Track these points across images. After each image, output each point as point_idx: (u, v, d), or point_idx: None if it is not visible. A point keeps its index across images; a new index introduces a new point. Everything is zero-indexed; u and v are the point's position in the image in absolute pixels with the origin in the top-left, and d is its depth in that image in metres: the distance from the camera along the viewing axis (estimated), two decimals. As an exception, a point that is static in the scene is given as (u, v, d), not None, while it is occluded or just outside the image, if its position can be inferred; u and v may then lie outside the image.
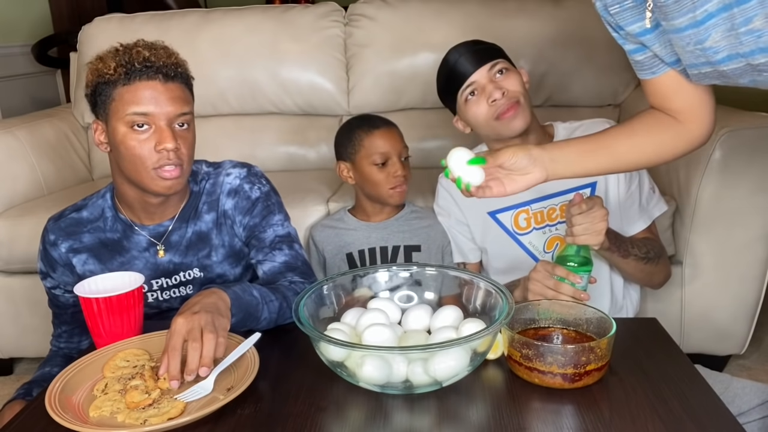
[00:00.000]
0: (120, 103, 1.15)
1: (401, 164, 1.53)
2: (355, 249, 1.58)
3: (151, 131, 1.15)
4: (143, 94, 1.14)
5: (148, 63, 1.15)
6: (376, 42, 2.29)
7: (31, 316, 1.99)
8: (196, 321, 0.96)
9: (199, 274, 1.30)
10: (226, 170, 1.32)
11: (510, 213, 1.50)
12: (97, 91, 1.17)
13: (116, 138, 1.17)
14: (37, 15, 3.40)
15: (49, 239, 1.28)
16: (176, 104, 1.16)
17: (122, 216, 1.28)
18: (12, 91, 3.15)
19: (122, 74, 1.14)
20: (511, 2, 2.25)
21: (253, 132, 2.37)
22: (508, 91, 1.37)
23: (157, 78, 1.15)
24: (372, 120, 1.58)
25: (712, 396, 0.92)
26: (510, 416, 0.88)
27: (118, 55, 1.16)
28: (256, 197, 1.30)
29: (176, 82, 1.18)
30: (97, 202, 1.31)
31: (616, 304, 1.49)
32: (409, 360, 0.92)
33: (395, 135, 1.55)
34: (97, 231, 1.28)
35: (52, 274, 1.31)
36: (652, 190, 1.48)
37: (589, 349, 0.93)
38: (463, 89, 1.40)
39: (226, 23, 2.33)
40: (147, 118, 1.15)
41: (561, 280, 1.18)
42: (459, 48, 1.42)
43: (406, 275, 1.14)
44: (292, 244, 1.30)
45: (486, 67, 1.38)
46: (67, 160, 2.31)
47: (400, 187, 1.53)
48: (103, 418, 0.90)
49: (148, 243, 1.28)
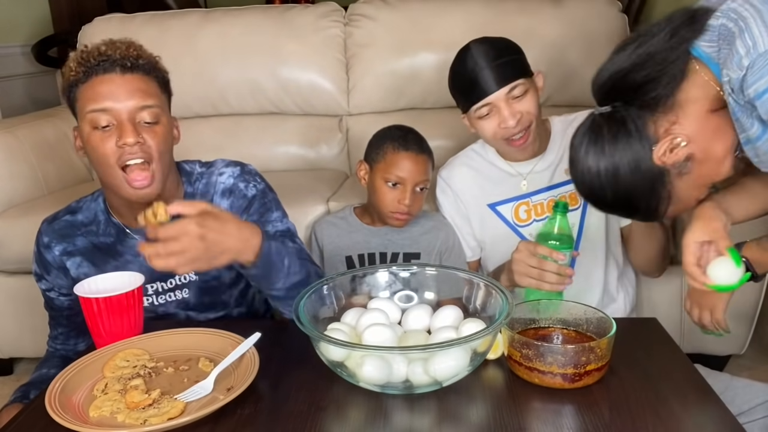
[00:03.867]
0: (82, 102, 1.12)
1: (412, 194, 1.48)
2: (354, 253, 1.58)
3: (113, 128, 1.11)
4: (100, 89, 1.10)
5: (104, 57, 1.11)
6: (376, 42, 2.29)
7: (31, 316, 1.99)
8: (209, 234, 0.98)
9: (195, 277, 1.28)
10: (219, 169, 1.28)
11: (511, 205, 1.50)
12: (68, 96, 1.15)
13: (84, 140, 1.13)
14: (37, 15, 3.40)
15: (43, 241, 1.27)
16: (136, 97, 1.11)
17: (115, 220, 1.26)
18: (12, 91, 3.15)
19: (81, 72, 1.11)
20: (511, 2, 2.25)
21: (253, 132, 2.36)
22: (523, 115, 1.36)
23: (114, 71, 1.11)
24: (408, 138, 1.51)
25: (712, 396, 0.92)
26: (510, 416, 0.88)
27: (79, 55, 1.13)
28: (252, 195, 1.27)
29: (136, 74, 1.13)
30: (90, 205, 1.28)
31: (609, 296, 1.49)
32: (409, 360, 0.92)
33: (421, 164, 1.49)
34: (90, 235, 1.26)
35: (46, 277, 1.29)
36: None
37: (589, 349, 0.93)
38: (478, 107, 1.38)
39: (226, 23, 2.33)
40: (107, 115, 1.10)
41: (544, 258, 1.18)
42: (479, 57, 1.36)
43: (406, 275, 1.14)
44: (294, 238, 1.28)
45: (505, 89, 1.35)
46: (67, 160, 2.31)
47: (401, 215, 1.50)
48: (103, 418, 0.90)
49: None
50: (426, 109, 2.30)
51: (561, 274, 1.16)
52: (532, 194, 1.48)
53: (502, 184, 1.50)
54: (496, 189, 1.51)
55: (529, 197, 1.48)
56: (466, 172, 1.56)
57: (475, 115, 1.39)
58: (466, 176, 1.55)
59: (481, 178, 1.53)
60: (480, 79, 1.35)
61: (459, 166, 1.57)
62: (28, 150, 2.14)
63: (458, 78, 1.41)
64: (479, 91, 1.36)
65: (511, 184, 1.49)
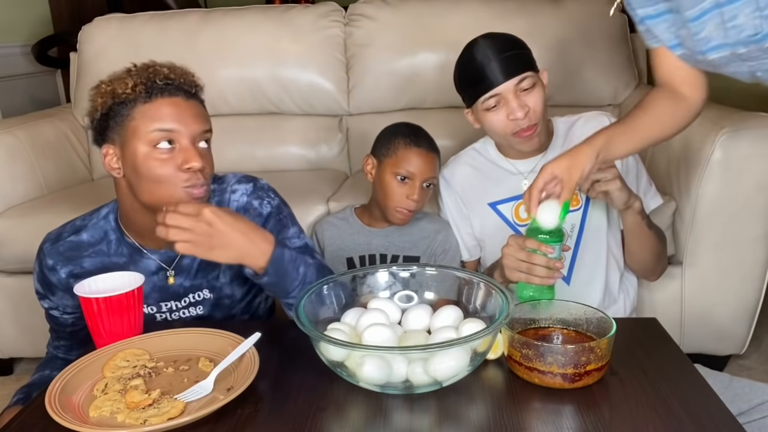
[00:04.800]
0: (141, 121, 1.10)
1: (420, 190, 1.50)
2: (355, 254, 1.58)
3: (174, 150, 1.11)
4: (166, 110, 1.10)
5: (169, 80, 1.12)
6: (376, 42, 2.29)
7: (31, 316, 1.98)
8: (219, 223, 1.02)
9: (209, 295, 1.27)
10: (231, 186, 1.26)
11: (511, 204, 1.50)
12: (111, 113, 1.12)
13: (136, 159, 1.10)
14: (37, 15, 3.40)
15: (47, 264, 1.23)
16: (199, 122, 1.13)
17: (129, 240, 1.22)
18: (12, 91, 3.15)
19: (142, 92, 1.10)
20: (512, 2, 2.26)
21: (253, 132, 2.37)
22: (531, 109, 1.37)
23: (179, 95, 1.13)
24: (419, 136, 1.54)
25: (712, 396, 0.92)
26: (510, 416, 0.88)
27: (134, 74, 1.12)
28: (267, 213, 1.25)
29: (196, 101, 1.16)
30: (98, 223, 1.24)
31: (611, 297, 1.49)
32: (409, 360, 0.92)
33: (431, 161, 1.52)
34: (99, 255, 1.23)
35: (50, 297, 1.27)
36: (648, 183, 1.48)
37: (589, 349, 0.93)
38: (486, 98, 1.38)
39: (226, 23, 2.33)
40: (171, 135, 1.10)
41: (533, 251, 1.17)
42: (488, 49, 1.36)
43: (406, 275, 1.14)
44: (314, 254, 1.25)
45: (514, 81, 1.35)
46: (67, 160, 2.31)
47: (406, 211, 1.51)
48: (103, 418, 0.90)
49: (158, 267, 1.23)
50: (426, 109, 2.30)
51: (550, 267, 1.15)
52: None
53: (503, 182, 1.51)
54: (497, 188, 1.51)
55: None
56: (467, 170, 1.56)
57: (483, 107, 1.40)
58: (467, 175, 1.56)
59: (481, 177, 1.54)
60: (488, 70, 1.36)
61: (460, 164, 1.58)
62: (28, 150, 2.14)
63: (466, 70, 1.41)
64: (488, 82, 1.36)
65: (512, 182, 1.49)
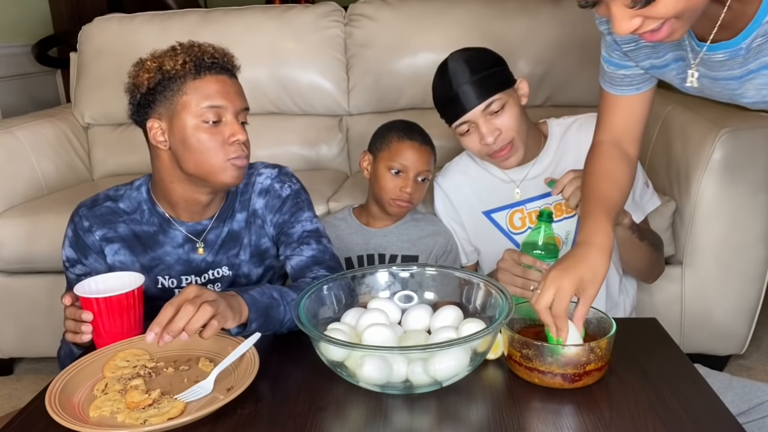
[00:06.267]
0: (192, 96, 1.17)
1: (414, 183, 1.51)
2: (354, 255, 1.59)
3: (221, 124, 1.19)
4: (214, 87, 1.18)
5: (215, 59, 1.20)
6: (376, 42, 2.29)
7: (31, 316, 1.99)
8: (206, 294, 0.97)
9: (228, 273, 1.31)
10: (258, 170, 1.34)
11: (505, 212, 1.49)
12: (159, 88, 1.18)
13: (185, 132, 1.17)
14: (37, 15, 3.40)
15: (83, 225, 1.27)
16: (241, 99, 1.22)
17: (159, 210, 1.28)
18: (12, 91, 3.15)
19: (191, 68, 1.17)
20: (511, 2, 2.26)
21: (253, 132, 2.32)
22: (502, 132, 1.37)
23: (225, 73, 1.21)
24: (412, 130, 1.55)
25: (712, 396, 0.92)
26: (510, 416, 0.88)
27: (181, 52, 1.19)
28: (286, 195, 1.32)
29: (237, 79, 1.24)
30: (132, 194, 1.30)
31: (612, 301, 1.49)
32: (409, 360, 0.92)
33: (424, 154, 1.53)
34: (133, 223, 1.28)
35: (84, 261, 1.28)
36: (646, 185, 1.48)
37: (589, 349, 0.93)
38: (458, 124, 1.39)
39: (226, 23, 2.33)
40: (219, 111, 1.18)
41: (528, 267, 1.17)
42: (457, 74, 1.37)
43: (405, 276, 1.14)
44: (320, 238, 1.30)
45: (481, 106, 1.36)
46: (67, 160, 2.31)
47: (401, 202, 1.52)
48: (103, 418, 0.90)
49: (185, 239, 1.28)
50: (426, 109, 2.28)
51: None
52: (527, 201, 1.47)
53: (496, 191, 1.50)
54: (491, 197, 1.51)
55: (524, 204, 1.48)
56: (460, 179, 1.56)
57: (457, 131, 1.42)
58: (461, 184, 1.56)
59: (475, 186, 1.54)
60: (456, 97, 1.37)
61: (454, 173, 1.58)
62: (28, 150, 2.14)
63: (437, 96, 1.44)
64: (459, 109, 1.38)
65: (505, 191, 1.49)
